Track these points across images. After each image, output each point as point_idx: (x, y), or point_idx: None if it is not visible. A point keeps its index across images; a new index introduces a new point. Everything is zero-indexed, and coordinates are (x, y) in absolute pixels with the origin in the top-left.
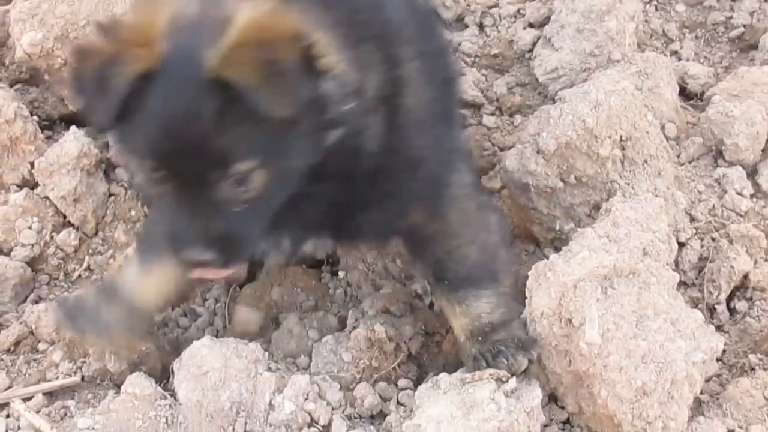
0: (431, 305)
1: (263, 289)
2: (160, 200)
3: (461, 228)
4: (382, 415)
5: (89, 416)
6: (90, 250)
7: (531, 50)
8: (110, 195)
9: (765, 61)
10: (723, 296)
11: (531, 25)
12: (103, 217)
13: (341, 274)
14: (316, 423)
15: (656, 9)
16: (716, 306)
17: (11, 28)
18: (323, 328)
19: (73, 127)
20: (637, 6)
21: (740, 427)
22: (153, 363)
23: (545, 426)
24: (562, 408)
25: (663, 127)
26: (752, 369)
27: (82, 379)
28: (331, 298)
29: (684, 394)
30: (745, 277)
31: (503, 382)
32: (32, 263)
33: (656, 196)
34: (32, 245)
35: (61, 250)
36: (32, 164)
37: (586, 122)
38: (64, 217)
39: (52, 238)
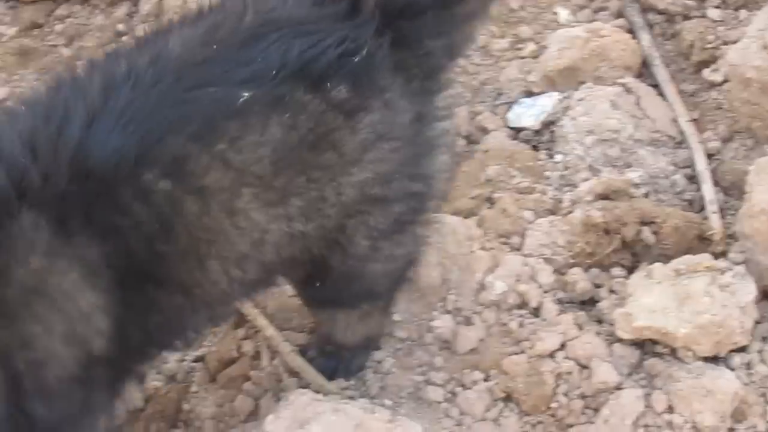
0: (647, 194)
1: (479, 166)
2: None
3: None
4: (593, 301)
5: None
6: None
7: None
8: None
9: None
10: None
11: None
12: None
13: (558, 157)
14: (527, 305)
15: None
16: None
17: None
18: (538, 209)
19: None
20: None
21: None
22: None
23: (757, 322)
24: None
25: None
26: None
27: None
28: (547, 180)
29: None
30: None
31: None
32: None
33: None
34: None
35: None
36: None
37: None
38: None
39: None
